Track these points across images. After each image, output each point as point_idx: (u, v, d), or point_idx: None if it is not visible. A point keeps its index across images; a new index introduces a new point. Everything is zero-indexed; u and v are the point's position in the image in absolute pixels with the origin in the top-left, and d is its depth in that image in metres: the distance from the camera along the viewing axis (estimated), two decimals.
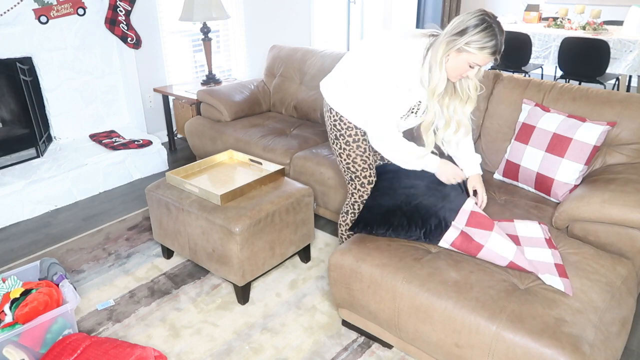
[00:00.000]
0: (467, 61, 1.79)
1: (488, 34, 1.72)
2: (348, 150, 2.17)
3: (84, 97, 3.81)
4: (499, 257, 1.78)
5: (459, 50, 1.77)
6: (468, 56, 1.77)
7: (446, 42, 1.78)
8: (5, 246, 2.88)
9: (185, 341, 2.14)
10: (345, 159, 2.21)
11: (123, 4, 3.71)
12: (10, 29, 3.29)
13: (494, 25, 1.73)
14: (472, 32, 1.72)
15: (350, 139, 2.15)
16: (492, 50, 1.74)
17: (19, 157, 3.41)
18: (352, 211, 2.33)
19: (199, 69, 4.51)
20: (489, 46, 1.73)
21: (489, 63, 1.84)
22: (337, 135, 2.18)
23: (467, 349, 1.65)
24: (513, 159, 2.40)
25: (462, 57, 1.79)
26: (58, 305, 2.09)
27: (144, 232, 2.98)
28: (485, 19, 1.73)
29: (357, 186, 2.25)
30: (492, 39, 1.72)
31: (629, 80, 5.15)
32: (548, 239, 1.91)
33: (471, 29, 1.73)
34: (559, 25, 5.25)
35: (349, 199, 2.32)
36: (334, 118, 2.16)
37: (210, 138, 3.44)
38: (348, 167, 2.23)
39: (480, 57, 1.76)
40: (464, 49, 1.76)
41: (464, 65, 1.81)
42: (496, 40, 1.73)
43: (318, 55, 3.54)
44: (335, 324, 2.21)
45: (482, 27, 1.72)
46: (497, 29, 1.73)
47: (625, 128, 2.25)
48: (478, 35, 1.72)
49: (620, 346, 1.61)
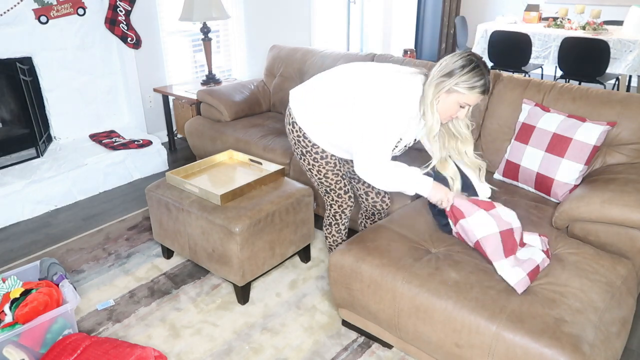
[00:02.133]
0: (457, 102, 1.79)
1: (476, 73, 1.73)
2: (317, 166, 2.14)
3: (84, 97, 3.81)
4: (472, 233, 1.82)
5: (448, 91, 1.77)
6: (458, 97, 1.77)
7: (435, 84, 1.78)
8: (5, 246, 2.88)
9: (185, 341, 2.14)
10: (316, 174, 2.18)
11: (123, 4, 3.71)
12: (10, 29, 3.29)
13: (480, 65, 1.74)
14: (461, 73, 1.73)
15: (318, 155, 2.11)
16: (482, 90, 1.75)
17: (19, 157, 3.41)
18: (335, 222, 2.33)
19: (199, 69, 4.51)
20: (479, 85, 1.74)
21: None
22: (304, 152, 2.13)
23: (467, 349, 1.65)
24: (513, 159, 2.40)
25: (452, 98, 1.78)
26: (58, 305, 2.09)
27: (144, 232, 2.98)
28: (472, 59, 1.75)
29: (334, 198, 2.25)
30: (481, 78, 1.73)
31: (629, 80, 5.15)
32: (546, 251, 1.87)
33: (458, 70, 1.74)
34: (559, 25, 5.25)
35: (329, 211, 2.31)
36: (297, 134, 2.10)
37: (210, 138, 3.44)
38: (321, 182, 2.21)
39: (471, 96, 1.76)
40: (453, 90, 1.76)
41: (454, 106, 1.80)
42: (484, 79, 1.74)
43: (318, 55, 3.54)
44: (335, 324, 2.21)
45: (470, 67, 1.73)
46: (484, 69, 1.75)
47: (625, 128, 2.25)
48: (467, 76, 1.73)
49: (620, 346, 1.61)
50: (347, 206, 2.27)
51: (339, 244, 2.37)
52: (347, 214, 2.30)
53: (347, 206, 2.27)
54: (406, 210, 2.26)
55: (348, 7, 6.24)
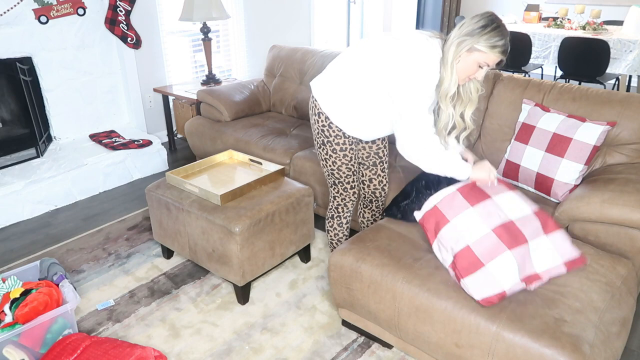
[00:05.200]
0: (477, 61, 1.80)
1: (497, 33, 1.75)
2: (334, 157, 2.16)
3: (84, 97, 3.81)
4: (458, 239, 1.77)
5: (469, 50, 1.78)
6: (479, 55, 1.79)
7: (457, 43, 1.79)
8: (5, 246, 2.88)
9: (185, 341, 2.14)
10: (330, 165, 2.19)
11: (123, 4, 3.71)
12: (10, 29, 3.29)
13: (501, 26, 1.77)
14: (482, 32, 1.75)
15: (338, 147, 2.13)
16: (503, 49, 1.77)
17: (18, 157, 3.41)
18: (337, 215, 2.33)
19: (199, 69, 4.51)
20: (500, 45, 1.76)
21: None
22: (325, 142, 2.14)
23: (467, 349, 1.65)
24: (513, 159, 2.40)
25: (472, 57, 1.80)
26: (58, 305, 2.09)
27: (144, 232, 2.98)
28: (494, 19, 1.78)
29: (340, 190, 2.26)
30: (502, 38, 1.76)
31: (629, 80, 5.15)
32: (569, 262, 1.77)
33: (481, 29, 1.76)
34: (559, 25, 5.25)
35: (332, 203, 2.33)
36: (323, 123, 2.11)
37: (210, 138, 3.43)
38: (332, 173, 2.22)
39: (491, 56, 1.78)
40: (475, 49, 1.78)
41: (474, 66, 1.82)
42: (505, 39, 1.77)
43: (318, 55, 3.54)
44: (335, 324, 2.21)
45: (492, 26, 1.76)
46: (504, 30, 1.78)
47: (625, 128, 2.25)
48: (489, 35, 1.75)
49: (620, 346, 1.61)
50: (350, 200, 2.30)
51: (340, 238, 2.38)
52: (350, 207, 2.32)
53: (350, 200, 2.30)
54: None
55: (348, 7, 6.23)
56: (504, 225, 1.75)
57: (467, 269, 1.69)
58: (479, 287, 1.65)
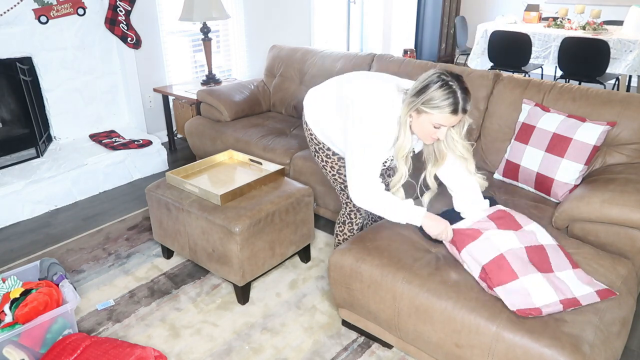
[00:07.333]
0: (429, 122, 1.73)
1: (444, 91, 1.66)
2: (330, 162, 2.17)
3: (84, 97, 3.81)
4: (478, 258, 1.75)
5: (417, 111, 1.73)
6: (428, 117, 1.71)
7: (407, 103, 1.75)
8: (5, 246, 2.88)
9: (185, 341, 2.14)
10: (329, 170, 2.20)
11: (123, 4, 3.71)
12: (10, 29, 3.29)
13: (451, 82, 1.67)
14: (428, 92, 1.68)
15: (330, 152, 2.14)
16: (451, 109, 1.67)
17: (18, 157, 3.41)
18: (349, 221, 2.32)
19: (199, 69, 4.51)
20: (447, 104, 1.66)
21: (463, 121, 1.77)
22: (317, 149, 2.17)
23: (467, 349, 1.65)
24: (513, 159, 2.40)
25: (422, 118, 1.73)
26: (58, 305, 2.09)
27: (144, 232, 2.98)
28: (442, 77, 1.68)
29: (349, 196, 2.24)
30: (449, 97, 1.66)
31: (629, 80, 5.15)
32: (600, 291, 1.71)
33: (423, 89, 1.69)
34: (559, 25, 5.25)
35: (344, 209, 2.31)
36: (310, 132, 2.14)
37: (210, 138, 3.44)
38: (335, 179, 2.22)
39: (440, 116, 1.69)
40: (422, 110, 1.71)
41: (428, 126, 1.74)
42: (454, 97, 1.66)
43: (318, 55, 3.54)
44: (335, 324, 2.21)
45: (437, 85, 1.67)
46: (457, 86, 1.67)
47: (625, 128, 2.25)
48: (434, 94, 1.67)
49: (620, 346, 1.61)
50: None
51: None
52: (362, 213, 2.29)
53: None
54: None
55: (348, 7, 6.23)
56: (535, 247, 1.75)
57: (499, 278, 1.64)
58: (516, 301, 1.60)
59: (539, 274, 1.66)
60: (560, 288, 1.64)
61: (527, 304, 1.59)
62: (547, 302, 1.59)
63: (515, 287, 1.62)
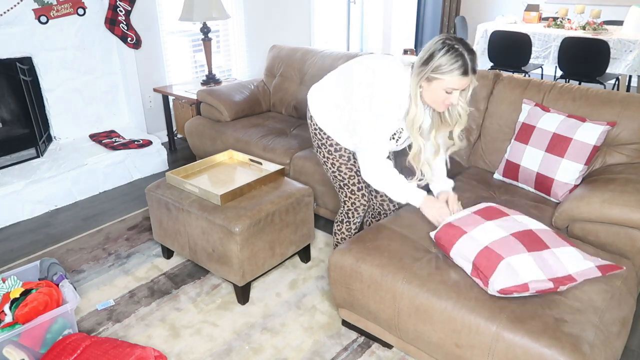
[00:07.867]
0: (441, 88, 1.75)
1: (452, 55, 1.69)
2: (332, 159, 2.17)
3: (84, 97, 3.81)
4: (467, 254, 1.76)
5: (428, 79, 1.75)
6: (439, 83, 1.74)
7: (415, 74, 1.77)
8: (5, 246, 2.88)
9: (185, 341, 2.14)
10: (330, 167, 2.21)
11: (123, 4, 3.71)
12: (10, 29, 3.29)
13: (457, 45, 1.70)
14: (434, 59, 1.71)
15: (332, 148, 2.14)
16: (462, 70, 1.70)
17: (18, 157, 3.41)
18: (347, 220, 2.32)
19: (199, 69, 4.51)
20: (456, 67, 1.70)
21: (470, 84, 1.78)
22: (320, 144, 2.17)
23: (467, 349, 1.65)
24: (513, 159, 2.40)
25: (434, 85, 1.76)
26: (58, 305, 2.09)
27: (144, 232, 2.98)
28: (447, 42, 1.71)
29: (347, 194, 2.25)
30: (458, 59, 1.69)
31: (629, 80, 5.15)
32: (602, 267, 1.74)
33: (434, 55, 1.71)
34: (559, 25, 5.25)
35: (343, 208, 2.32)
36: (315, 127, 2.15)
37: (210, 138, 3.44)
38: (335, 176, 2.23)
39: (451, 80, 1.72)
40: (432, 77, 1.73)
41: (440, 92, 1.77)
42: (463, 59, 1.69)
43: (318, 55, 3.54)
44: (335, 324, 2.21)
45: (444, 50, 1.70)
46: (463, 48, 1.70)
47: (625, 128, 2.25)
48: (442, 59, 1.70)
49: (620, 346, 1.61)
50: (360, 204, 2.27)
51: None
52: (360, 212, 2.29)
53: (360, 204, 2.27)
54: (407, 210, 2.26)
55: (348, 7, 6.23)
56: (523, 232, 1.76)
57: (489, 267, 1.66)
58: (501, 280, 1.62)
59: (526, 253, 1.67)
60: (551, 266, 1.65)
61: (512, 281, 1.60)
62: (534, 277, 1.61)
63: (502, 268, 1.64)
